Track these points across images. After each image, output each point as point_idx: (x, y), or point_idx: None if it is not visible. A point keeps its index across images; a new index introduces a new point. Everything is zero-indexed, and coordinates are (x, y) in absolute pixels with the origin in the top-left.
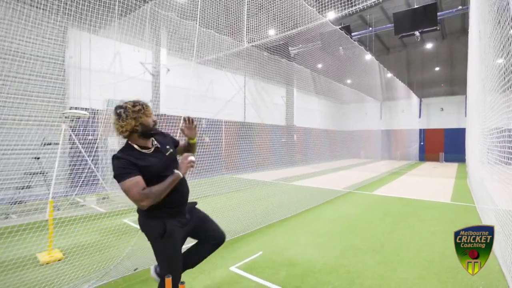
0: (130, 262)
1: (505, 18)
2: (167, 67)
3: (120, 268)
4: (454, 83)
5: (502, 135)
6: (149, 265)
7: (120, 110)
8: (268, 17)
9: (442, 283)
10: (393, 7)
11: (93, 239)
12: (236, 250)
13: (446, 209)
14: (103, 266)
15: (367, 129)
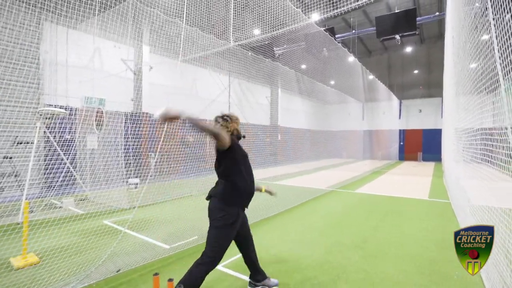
0: (112, 264)
1: (482, 23)
2: (150, 65)
3: (102, 270)
4: (432, 86)
5: (474, 134)
6: (131, 266)
7: (227, 117)
8: (253, 17)
9: (422, 274)
10: (375, 11)
11: (72, 242)
12: None
13: (424, 206)
14: (83, 268)
15: (349, 130)
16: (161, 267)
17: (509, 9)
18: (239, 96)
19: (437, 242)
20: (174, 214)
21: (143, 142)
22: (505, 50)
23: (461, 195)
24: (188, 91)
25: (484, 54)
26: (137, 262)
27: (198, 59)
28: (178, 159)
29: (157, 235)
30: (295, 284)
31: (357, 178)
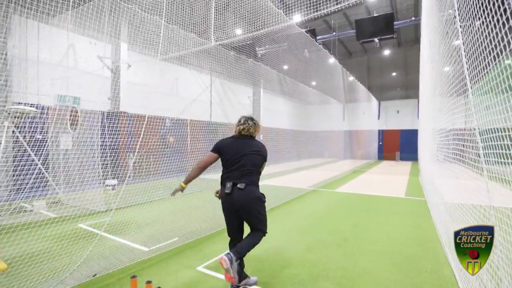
0: (88, 269)
1: (452, 29)
2: (128, 63)
3: (77, 275)
4: (409, 87)
5: (446, 135)
6: (109, 270)
7: (255, 120)
8: (235, 16)
9: (397, 269)
10: (355, 14)
11: (44, 247)
12: (203, 250)
13: (401, 204)
14: (56, 274)
15: (331, 130)
16: (140, 270)
17: (474, 17)
18: (221, 96)
19: (412, 238)
20: (154, 216)
21: (121, 142)
22: (471, 56)
23: (436, 193)
24: (168, 90)
25: (454, 58)
26: (114, 266)
27: (179, 57)
28: (158, 159)
29: (136, 237)
30: (276, 283)
31: (338, 178)
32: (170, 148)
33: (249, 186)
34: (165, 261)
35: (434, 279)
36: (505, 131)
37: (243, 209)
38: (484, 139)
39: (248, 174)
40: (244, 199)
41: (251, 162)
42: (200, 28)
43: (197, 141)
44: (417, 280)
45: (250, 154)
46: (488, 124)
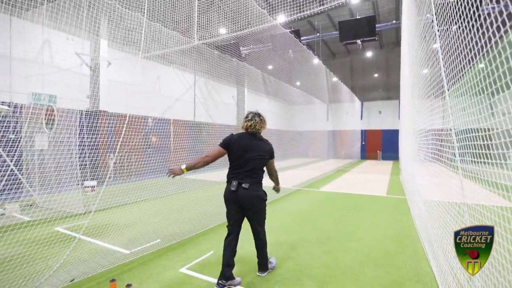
0: (65, 273)
1: (430, 33)
2: (108, 60)
3: (53, 280)
4: (390, 89)
5: (426, 135)
6: (88, 275)
7: (262, 116)
8: (219, 15)
9: (378, 266)
10: (339, 15)
11: (17, 252)
12: (186, 251)
13: (383, 202)
14: (31, 280)
15: (315, 130)
16: (121, 273)
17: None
18: (205, 95)
19: (392, 235)
20: (136, 217)
21: (101, 142)
22: (448, 59)
23: (415, 191)
24: (150, 88)
25: (432, 61)
26: (94, 270)
27: (162, 56)
28: (140, 159)
29: (117, 240)
30: (260, 282)
31: (322, 177)
32: (153, 148)
33: (252, 185)
34: (146, 264)
35: (413, 274)
36: (478, 132)
37: (247, 205)
38: (459, 139)
39: (252, 175)
40: (248, 197)
41: (255, 163)
42: (183, 26)
43: (180, 140)
44: (397, 276)
45: (255, 156)
46: (463, 125)
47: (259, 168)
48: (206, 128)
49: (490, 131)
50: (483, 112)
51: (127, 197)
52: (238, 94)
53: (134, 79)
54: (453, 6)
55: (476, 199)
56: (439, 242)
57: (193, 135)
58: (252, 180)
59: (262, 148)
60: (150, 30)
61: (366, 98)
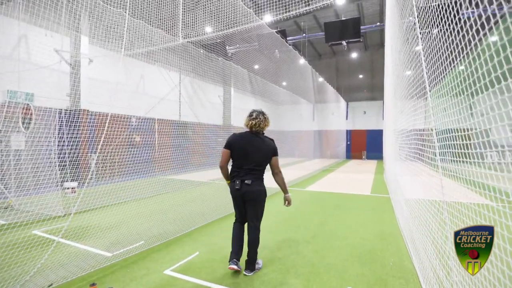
0: (43, 278)
1: (412, 36)
2: (89, 58)
3: (29, 286)
4: (374, 89)
5: (408, 135)
6: (67, 279)
7: (266, 115)
8: (205, 14)
9: (362, 264)
10: (324, 17)
11: None
12: (171, 253)
13: (367, 200)
14: (5, 286)
15: (301, 130)
16: (102, 277)
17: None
18: (190, 95)
19: (376, 233)
20: (118, 219)
21: (82, 142)
22: (429, 61)
23: (398, 190)
24: (134, 87)
25: (414, 63)
26: (74, 274)
27: (146, 54)
28: (123, 160)
29: (98, 242)
30: (246, 283)
31: (308, 176)
32: (137, 148)
33: (254, 181)
34: (129, 266)
35: (396, 271)
36: (458, 132)
37: (249, 199)
38: (439, 139)
39: (253, 172)
40: (250, 192)
41: (256, 162)
42: (168, 24)
43: (165, 140)
44: (380, 273)
45: (256, 156)
46: (444, 125)
47: (262, 166)
48: (192, 127)
49: (469, 131)
50: (463, 112)
51: (109, 199)
52: (225, 93)
53: (117, 78)
54: (434, 9)
55: (454, 197)
56: (420, 239)
57: (178, 135)
58: (254, 177)
59: (264, 147)
60: (133, 27)
61: (351, 98)
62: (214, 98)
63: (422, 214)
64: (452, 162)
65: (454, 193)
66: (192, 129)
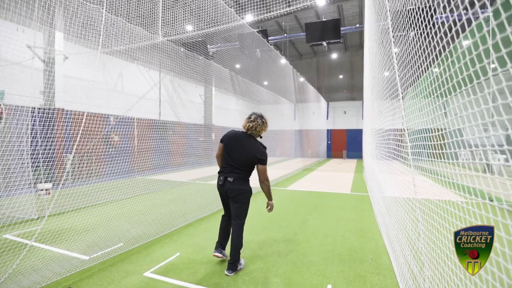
0: (15, 285)
1: (386, 38)
2: (64, 54)
3: None
4: (354, 90)
5: (383, 134)
6: (41, 284)
7: (264, 119)
8: (185, 12)
9: (342, 261)
10: (305, 17)
11: None
12: (150, 254)
13: (347, 199)
14: None
15: (282, 129)
16: (79, 281)
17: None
18: (171, 94)
19: (356, 231)
20: (96, 221)
21: (57, 142)
22: (402, 63)
23: (376, 188)
24: (112, 86)
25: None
26: (48, 279)
27: (125, 52)
28: (101, 160)
29: (75, 245)
30: (227, 283)
31: (289, 176)
32: (115, 147)
33: (237, 179)
34: (107, 269)
35: (375, 267)
36: (431, 132)
37: (231, 197)
38: (412, 139)
39: (236, 170)
40: (232, 190)
41: (242, 163)
42: (147, 22)
43: (145, 140)
44: (359, 270)
45: (243, 156)
46: (416, 125)
47: (246, 166)
48: (172, 127)
49: (442, 131)
50: (437, 111)
51: (86, 200)
52: (206, 92)
53: (94, 75)
54: (408, 14)
55: (425, 195)
56: (396, 236)
57: (158, 134)
58: (237, 175)
59: (252, 150)
60: (111, 23)
61: (332, 98)
62: (195, 97)
63: (397, 211)
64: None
65: (426, 191)
66: (172, 128)
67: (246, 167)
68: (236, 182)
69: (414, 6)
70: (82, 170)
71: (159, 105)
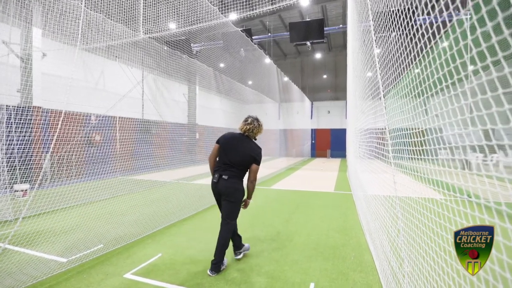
0: None
1: (368, 38)
2: (43, 51)
3: None
4: (338, 89)
5: (365, 133)
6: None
7: (260, 122)
8: (168, 9)
9: (325, 259)
10: (289, 17)
11: None
12: (132, 255)
13: (330, 197)
14: None
15: (267, 129)
16: (56, 284)
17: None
18: (154, 92)
19: (338, 229)
20: (75, 222)
21: (35, 141)
22: (383, 62)
23: (359, 186)
24: (93, 84)
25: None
26: (23, 283)
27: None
28: (82, 160)
29: (52, 248)
30: (210, 283)
31: (273, 175)
32: (96, 147)
33: (231, 178)
34: (86, 271)
35: (357, 265)
36: (411, 130)
37: (224, 194)
38: (392, 137)
39: (232, 169)
40: (226, 187)
41: (238, 162)
42: (128, 18)
43: (127, 139)
44: (342, 267)
45: (239, 156)
46: (396, 123)
47: (241, 166)
48: (155, 126)
49: (422, 128)
50: (417, 108)
51: (65, 201)
52: (190, 91)
53: (73, 72)
54: (388, 15)
55: (405, 192)
56: (377, 233)
57: (141, 133)
58: (232, 174)
59: (248, 150)
60: (90, 19)
61: (316, 98)
62: (179, 96)
63: (378, 209)
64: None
65: (406, 188)
66: (155, 127)
67: (242, 166)
68: (230, 180)
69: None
70: (62, 171)
71: (142, 104)
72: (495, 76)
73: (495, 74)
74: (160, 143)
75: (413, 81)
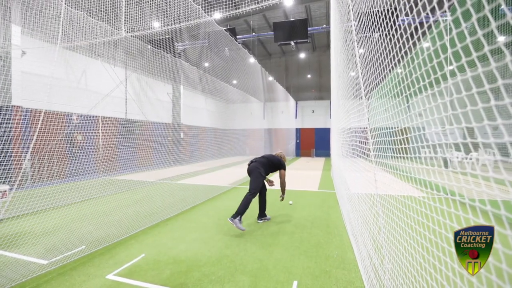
0: None
1: (350, 38)
2: (22, 49)
3: None
4: (322, 89)
5: (348, 132)
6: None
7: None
8: (152, 7)
9: (308, 257)
10: (274, 17)
11: None
12: (114, 256)
13: (314, 196)
14: None
15: (252, 128)
16: (36, 287)
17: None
18: (137, 92)
19: (321, 228)
20: (56, 224)
21: (15, 141)
22: (364, 62)
23: (342, 185)
24: (74, 83)
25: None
26: (1, 286)
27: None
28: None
29: (32, 250)
30: (193, 283)
31: None
32: (78, 147)
33: (258, 165)
34: (68, 273)
35: (340, 263)
36: (389, 128)
37: (250, 172)
38: (374, 136)
39: (259, 165)
40: (253, 168)
41: (261, 164)
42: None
43: (110, 139)
44: (325, 265)
45: (265, 164)
46: (377, 122)
47: (263, 166)
48: (139, 126)
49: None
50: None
51: (46, 202)
52: (174, 91)
53: (53, 71)
54: (369, 16)
55: (386, 190)
56: (359, 231)
57: (124, 133)
58: (259, 164)
59: (273, 161)
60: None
61: (300, 97)
62: (163, 96)
63: (360, 207)
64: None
65: (387, 186)
66: (139, 127)
67: (265, 167)
68: (256, 165)
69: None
70: (43, 171)
71: (125, 103)
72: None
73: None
74: (144, 143)
75: (393, 80)
